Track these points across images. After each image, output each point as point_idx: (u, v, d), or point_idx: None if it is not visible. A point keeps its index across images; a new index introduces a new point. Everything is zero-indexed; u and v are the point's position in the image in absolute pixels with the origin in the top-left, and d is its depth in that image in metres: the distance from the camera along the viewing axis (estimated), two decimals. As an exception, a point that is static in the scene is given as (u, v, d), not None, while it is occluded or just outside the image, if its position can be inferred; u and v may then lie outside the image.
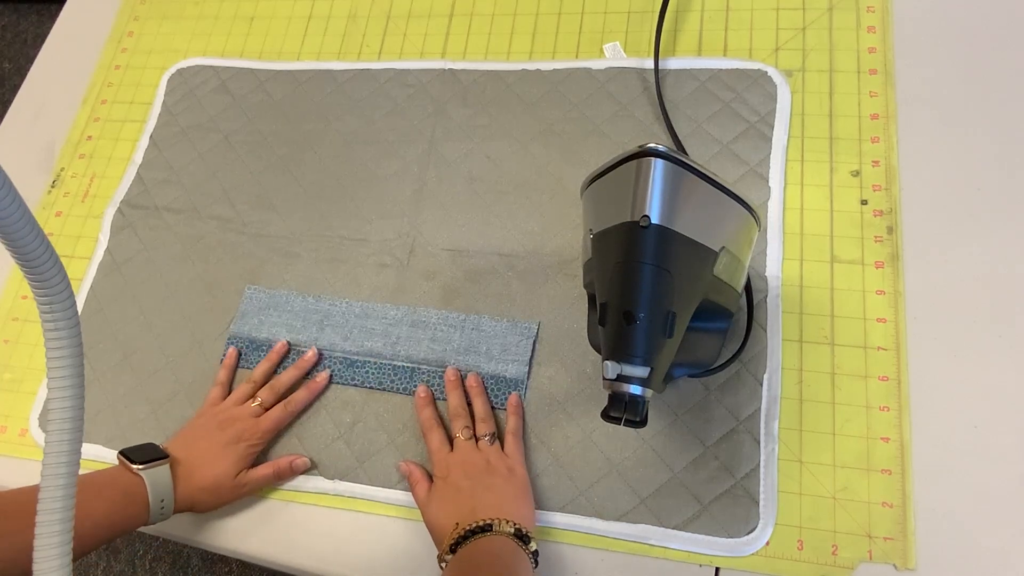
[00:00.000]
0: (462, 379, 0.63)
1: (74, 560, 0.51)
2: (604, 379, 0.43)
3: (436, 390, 0.63)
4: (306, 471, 0.63)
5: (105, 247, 0.77)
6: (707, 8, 0.74)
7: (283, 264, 0.72)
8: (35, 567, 0.28)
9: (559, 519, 0.58)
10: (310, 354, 0.66)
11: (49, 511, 0.28)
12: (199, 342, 0.70)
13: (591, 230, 0.48)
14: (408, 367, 0.65)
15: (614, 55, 0.74)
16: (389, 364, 0.65)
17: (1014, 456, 0.54)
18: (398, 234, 0.71)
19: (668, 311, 0.42)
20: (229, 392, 0.66)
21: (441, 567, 0.52)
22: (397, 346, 0.66)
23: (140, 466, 0.56)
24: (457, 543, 0.51)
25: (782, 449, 0.57)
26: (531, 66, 0.75)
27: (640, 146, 0.42)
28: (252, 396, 0.64)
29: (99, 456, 0.67)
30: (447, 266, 0.69)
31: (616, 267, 0.43)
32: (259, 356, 0.68)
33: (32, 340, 0.75)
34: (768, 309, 0.61)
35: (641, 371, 0.42)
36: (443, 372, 0.64)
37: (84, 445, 0.65)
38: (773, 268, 0.62)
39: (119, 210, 0.78)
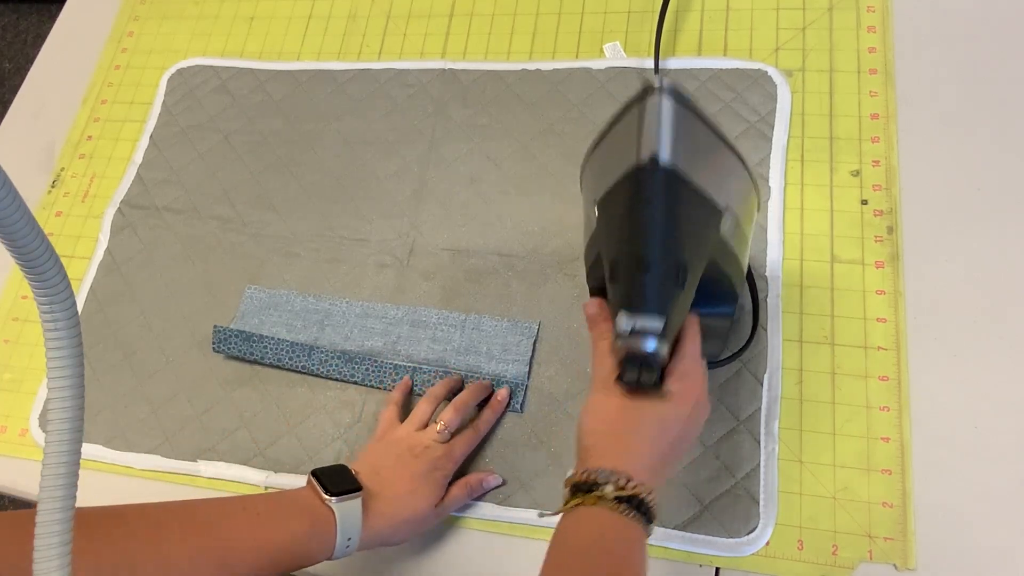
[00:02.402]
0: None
1: None
2: (616, 337, 0.41)
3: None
4: (497, 487, 0.59)
5: (105, 247, 0.77)
6: (707, 8, 0.74)
7: (283, 264, 0.72)
8: (35, 567, 0.28)
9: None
10: (488, 383, 0.62)
11: (49, 511, 0.28)
12: (199, 342, 0.70)
13: (594, 201, 0.45)
14: (408, 367, 0.65)
15: (614, 55, 0.74)
16: (390, 364, 0.65)
17: (1014, 456, 0.54)
18: (398, 234, 0.71)
19: (680, 260, 0.41)
20: (405, 414, 0.61)
21: (565, 490, 0.43)
22: (397, 345, 0.66)
23: (333, 498, 0.50)
24: (584, 487, 0.42)
25: (782, 449, 0.57)
26: (531, 66, 0.75)
27: (646, 83, 0.40)
28: (431, 416, 0.59)
29: (99, 456, 0.67)
30: (447, 266, 0.69)
31: (625, 214, 0.41)
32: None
33: (32, 340, 0.75)
34: (768, 309, 0.61)
35: (656, 322, 0.40)
36: (444, 372, 0.64)
37: (84, 445, 0.65)
38: (773, 268, 0.62)
39: (119, 210, 0.78)
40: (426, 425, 0.58)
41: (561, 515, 0.43)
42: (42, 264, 0.27)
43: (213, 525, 0.48)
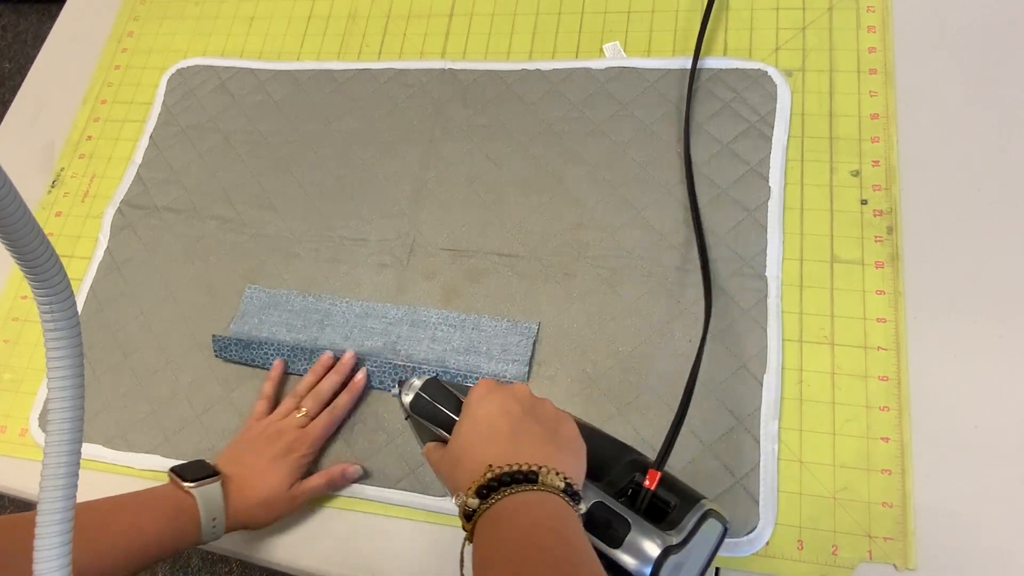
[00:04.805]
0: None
1: None
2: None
3: None
4: (358, 479, 0.62)
5: (105, 247, 0.77)
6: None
7: (283, 264, 0.72)
8: (35, 567, 0.28)
9: (559, 519, 0.57)
10: (347, 357, 0.64)
11: (49, 511, 0.28)
12: (199, 342, 0.70)
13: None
14: (408, 367, 0.65)
15: (614, 55, 0.74)
16: (389, 364, 0.65)
17: (1014, 456, 0.54)
18: (398, 234, 0.71)
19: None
20: (274, 406, 0.64)
21: (465, 522, 0.43)
22: (397, 345, 0.66)
23: (191, 484, 0.55)
24: (489, 488, 0.42)
25: (782, 449, 0.57)
26: (531, 66, 0.75)
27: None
28: (297, 407, 0.62)
29: (99, 456, 0.67)
30: (447, 266, 0.69)
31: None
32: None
33: (32, 340, 0.75)
34: (768, 309, 0.61)
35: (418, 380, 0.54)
36: (444, 372, 0.64)
37: (84, 445, 0.65)
38: (773, 268, 0.62)
39: (119, 210, 0.78)
40: (289, 415, 0.62)
41: (492, 504, 0.42)
42: (42, 264, 0.27)
43: (85, 522, 0.52)
